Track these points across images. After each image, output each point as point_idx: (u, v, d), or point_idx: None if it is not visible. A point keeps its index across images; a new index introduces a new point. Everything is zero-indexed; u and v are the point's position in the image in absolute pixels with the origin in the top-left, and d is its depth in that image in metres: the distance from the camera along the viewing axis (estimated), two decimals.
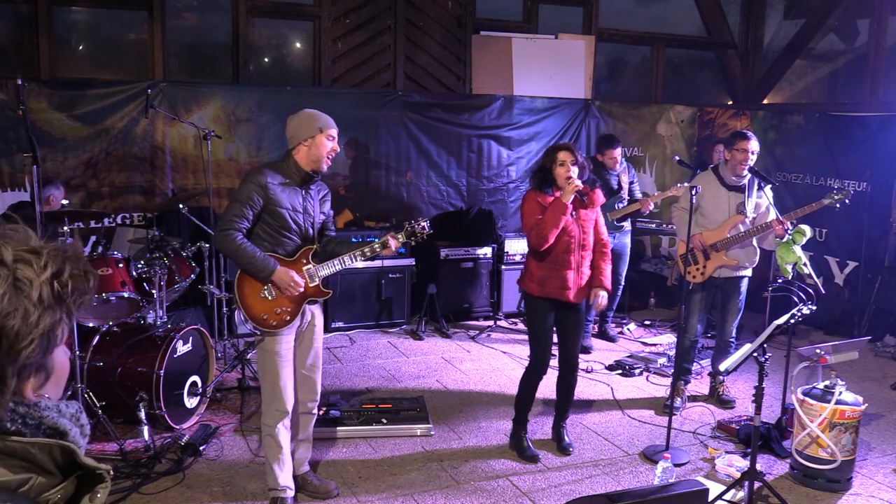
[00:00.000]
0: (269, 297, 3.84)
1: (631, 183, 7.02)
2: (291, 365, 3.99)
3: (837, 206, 5.17)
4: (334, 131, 3.90)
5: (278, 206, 3.80)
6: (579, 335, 4.84)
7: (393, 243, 3.94)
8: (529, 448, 4.76)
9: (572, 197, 4.45)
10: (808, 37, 9.19)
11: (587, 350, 6.82)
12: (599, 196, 4.70)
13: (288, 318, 3.88)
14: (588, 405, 5.67)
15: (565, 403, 4.94)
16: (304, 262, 3.93)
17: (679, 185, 6.75)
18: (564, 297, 4.59)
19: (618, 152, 6.83)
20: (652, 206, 6.75)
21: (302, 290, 3.87)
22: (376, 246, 3.94)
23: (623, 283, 7.18)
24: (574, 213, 4.55)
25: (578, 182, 4.45)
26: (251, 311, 3.84)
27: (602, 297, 4.66)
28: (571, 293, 4.59)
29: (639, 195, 7.08)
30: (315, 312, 4.09)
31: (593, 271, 4.68)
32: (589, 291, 4.71)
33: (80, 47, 7.48)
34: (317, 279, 3.94)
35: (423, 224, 4.03)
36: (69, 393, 4.51)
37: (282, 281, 3.79)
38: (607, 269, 4.71)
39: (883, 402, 5.84)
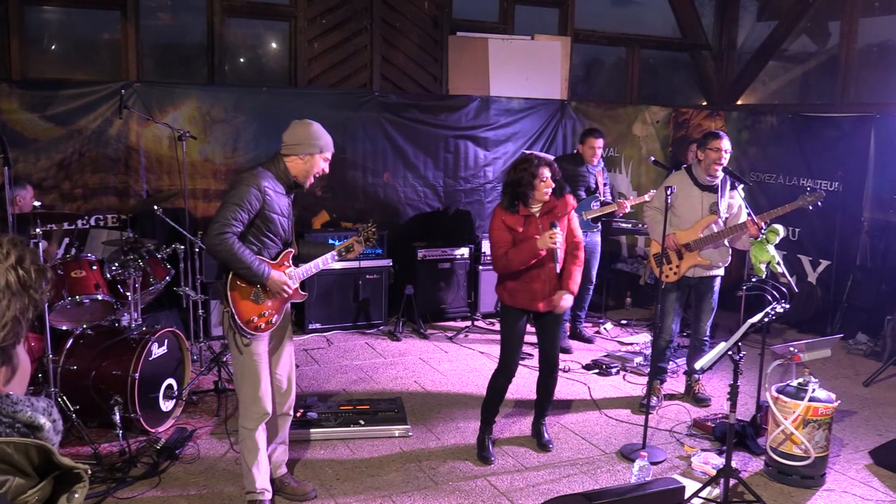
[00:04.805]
0: (257, 301, 3.82)
1: (604, 184, 7.05)
2: (269, 367, 3.99)
3: (810, 207, 5.21)
4: (330, 154, 3.94)
5: (272, 212, 3.78)
6: (558, 336, 4.86)
7: (357, 248, 4.10)
8: (487, 450, 4.77)
9: (545, 249, 4.42)
10: (781, 38, 9.30)
11: (567, 351, 6.84)
12: (571, 200, 4.68)
13: (274, 319, 3.90)
14: (565, 405, 5.69)
15: (545, 402, 4.98)
16: (286, 264, 3.94)
17: (654, 191, 6.80)
18: (534, 308, 4.63)
19: (599, 143, 6.85)
20: (628, 209, 6.80)
21: (292, 292, 3.89)
22: (342, 248, 4.07)
23: (594, 282, 7.21)
24: (540, 225, 4.53)
25: (558, 241, 4.39)
26: (240, 314, 3.80)
27: (565, 300, 4.62)
28: (540, 304, 4.62)
29: (609, 197, 7.10)
30: (286, 313, 4.10)
31: (562, 273, 4.62)
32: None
33: (53, 47, 7.39)
34: (296, 281, 3.96)
35: (372, 228, 4.19)
36: (42, 396, 4.45)
37: (275, 285, 3.80)
38: (577, 272, 4.67)
39: (855, 399, 5.92)
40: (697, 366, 4.38)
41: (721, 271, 5.54)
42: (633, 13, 9.93)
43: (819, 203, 5.20)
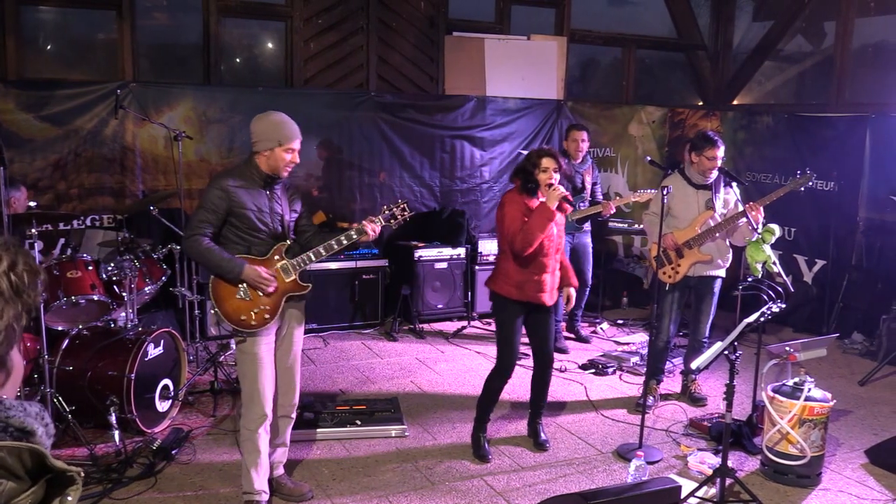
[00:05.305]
0: (247, 298, 3.81)
1: (594, 184, 6.99)
2: (272, 367, 3.97)
3: (801, 189, 5.22)
4: (295, 143, 3.84)
5: (243, 209, 3.78)
6: (552, 332, 4.88)
7: (370, 228, 3.90)
8: (484, 448, 4.78)
9: (557, 203, 4.48)
10: (777, 38, 9.32)
11: (563, 351, 6.82)
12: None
13: (268, 316, 3.86)
14: (562, 404, 5.69)
15: (540, 400, 4.97)
16: (278, 258, 3.91)
17: (641, 191, 6.75)
18: (540, 301, 4.64)
19: (582, 136, 6.79)
20: (613, 209, 6.68)
21: (274, 285, 3.85)
22: (352, 233, 3.90)
23: (591, 282, 7.19)
24: None
25: (563, 189, 4.49)
26: (229, 314, 3.81)
27: (573, 294, 4.87)
28: (547, 295, 4.65)
29: (600, 197, 7.05)
30: (295, 314, 4.07)
31: (561, 271, 4.82)
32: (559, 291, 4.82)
33: (49, 47, 7.38)
34: (293, 274, 3.92)
35: (402, 205, 4.03)
36: (38, 398, 4.44)
37: (251, 279, 3.78)
38: (570, 267, 4.96)
39: (851, 399, 5.93)
40: (694, 365, 4.38)
41: (722, 272, 5.53)
42: (629, 13, 9.94)
43: (810, 183, 5.21)
